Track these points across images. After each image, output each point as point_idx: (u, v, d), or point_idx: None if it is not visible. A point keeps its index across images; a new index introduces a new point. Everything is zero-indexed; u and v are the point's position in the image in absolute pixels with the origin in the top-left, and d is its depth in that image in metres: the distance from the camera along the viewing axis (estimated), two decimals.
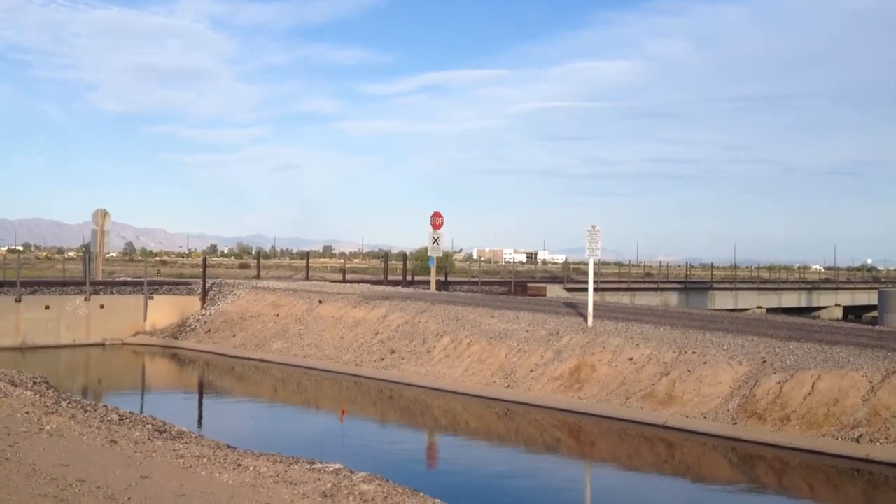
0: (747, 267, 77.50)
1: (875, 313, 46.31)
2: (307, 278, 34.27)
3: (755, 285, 44.39)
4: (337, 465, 9.85)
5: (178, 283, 28.21)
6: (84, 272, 25.98)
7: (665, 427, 14.71)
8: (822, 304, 45.04)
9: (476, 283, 34.18)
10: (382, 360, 20.01)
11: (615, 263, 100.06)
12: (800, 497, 12.23)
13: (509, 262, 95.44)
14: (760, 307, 40.39)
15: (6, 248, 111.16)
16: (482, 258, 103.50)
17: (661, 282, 41.73)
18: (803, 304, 44.09)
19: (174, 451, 9.89)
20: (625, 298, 33.95)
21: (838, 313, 44.72)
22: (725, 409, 14.55)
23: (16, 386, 13.28)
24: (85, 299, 24.39)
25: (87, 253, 29.54)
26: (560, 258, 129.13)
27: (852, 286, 49.59)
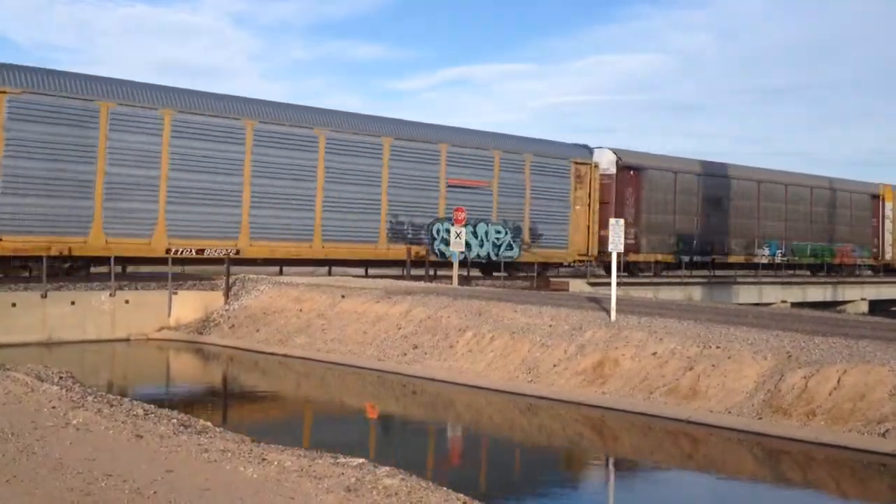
0: None
1: None
2: (330, 273, 34.35)
3: (780, 279, 44.00)
4: (361, 460, 9.87)
5: (201, 279, 28.35)
6: (109, 268, 26.15)
7: (689, 422, 14.64)
8: (847, 298, 44.60)
9: (498, 277, 34.13)
10: (405, 354, 20.04)
11: None
12: (826, 492, 12.16)
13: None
14: (785, 301, 40.07)
15: None
16: None
17: (685, 276, 41.51)
18: (828, 298, 43.69)
19: (199, 445, 9.95)
20: (648, 293, 33.81)
21: (864, 307, 44.27)
22: (750, 404, 14.46)
23: (42, 381, 13.41)
24: (110, 295, 24.57)
25: None
26: None
27: (878, 280, 49.05)
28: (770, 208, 45.24)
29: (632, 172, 38.52)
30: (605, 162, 37.89)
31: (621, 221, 19.79)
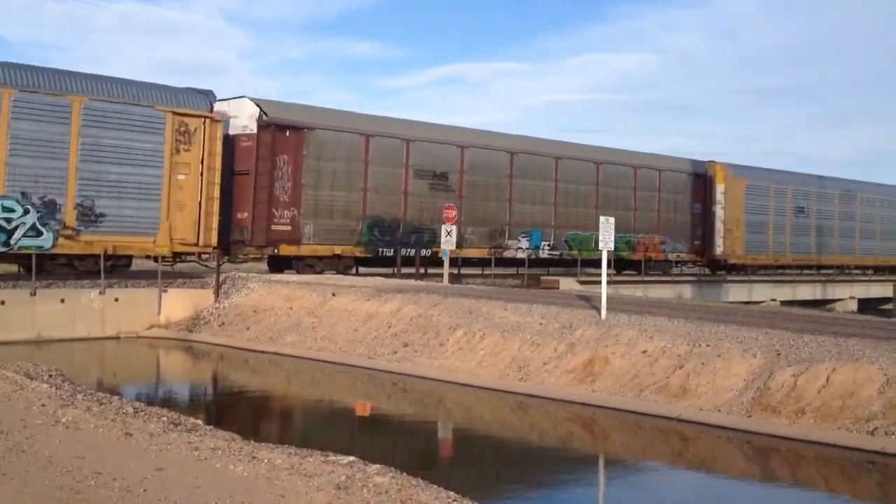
0: None
1: (890, 305, 46.19)
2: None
3: (770, 277, 44.13)
4: (351, 458, 9.88)
5: (191, 277, 28.29)
6: (99, 266, 26.06)
7: (679, 420, 14.68)
8: (836, 297, 44.79)
9: (489, 275, 34.11)
10: (395, 353, 20.04)
11: None
12: (815, 490, 12.21)
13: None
14: (775, 300, 40.21)
15: None
16: None
17: (675, 274, 41.64)
18: (818, 296, 43.85)
19: (189, 443, 9.94)
20: (639, 291, 33.86)
21: (853, 306, 44.48)
22: (740, 402, 14.51)
23: (32, 379, 13.38)
24: (100, 293, 24.49)
25: None
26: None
27: (867, 279, 49.21)
28: (530, 187, 35.23)
29: (288, 133, 28.53)
30: (245, 117, 28.32)
31: (611, 220, 19.77)
